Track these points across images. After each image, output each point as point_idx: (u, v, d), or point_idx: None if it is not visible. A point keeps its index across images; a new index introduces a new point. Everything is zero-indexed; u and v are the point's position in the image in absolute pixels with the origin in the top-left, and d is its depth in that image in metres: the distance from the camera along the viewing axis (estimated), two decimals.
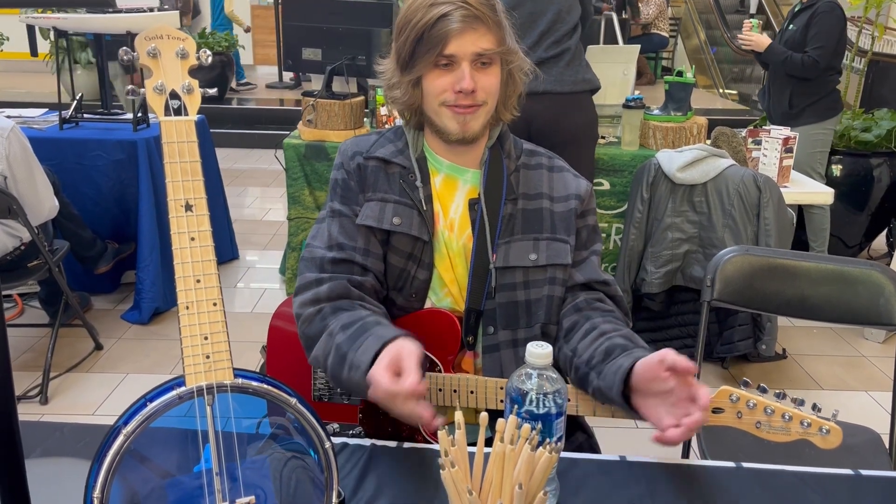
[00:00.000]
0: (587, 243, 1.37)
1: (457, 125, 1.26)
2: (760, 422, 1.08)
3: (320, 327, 1.22)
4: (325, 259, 1.28)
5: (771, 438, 1.08)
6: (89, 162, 3.24)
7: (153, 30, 0.83)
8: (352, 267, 1.28)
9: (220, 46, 6.87)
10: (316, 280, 1.26)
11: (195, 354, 0.79)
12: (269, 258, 4.08)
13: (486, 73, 1.24)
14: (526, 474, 0.81)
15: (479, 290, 1.30)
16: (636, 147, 3.15)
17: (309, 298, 1.25)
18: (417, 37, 1.21)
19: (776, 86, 3.78)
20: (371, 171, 1.33)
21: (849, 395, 2.85)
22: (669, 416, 1.05)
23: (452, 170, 1.34)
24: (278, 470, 0.86)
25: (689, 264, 2.87)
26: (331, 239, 1.30)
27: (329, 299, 1.24)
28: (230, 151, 6.22)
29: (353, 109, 3.16)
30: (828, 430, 1.04)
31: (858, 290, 1.60)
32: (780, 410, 1.07)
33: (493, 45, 1.23)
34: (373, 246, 1.30)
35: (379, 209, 1.30)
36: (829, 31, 3.52)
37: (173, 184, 0.81)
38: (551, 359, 0.96)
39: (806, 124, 3.65)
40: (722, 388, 1.11)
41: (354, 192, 1.32)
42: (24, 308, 3.36)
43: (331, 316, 1.22)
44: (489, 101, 1.26)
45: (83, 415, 2.58)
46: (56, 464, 1.08)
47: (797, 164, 3.65)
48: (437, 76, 1.24)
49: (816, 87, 3.64)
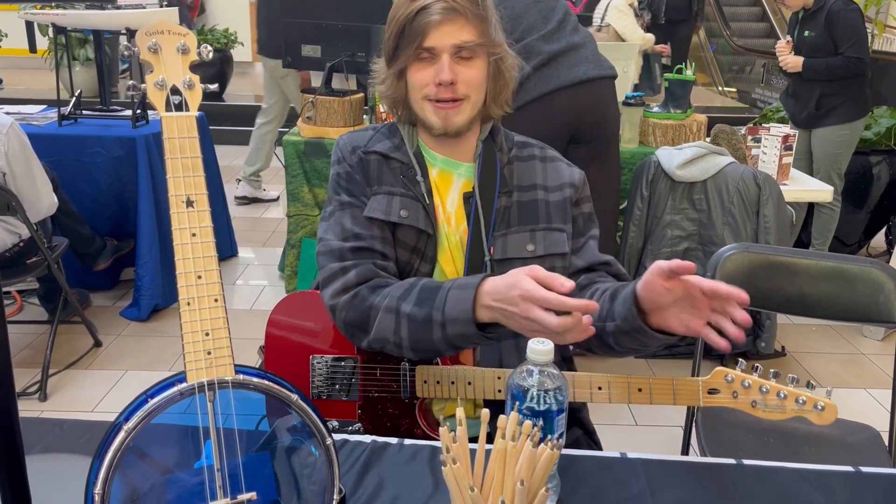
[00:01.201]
0: (584, 230, 1.37)
1: (438, 120, 1.27)
2: (756, 401, 1.09)
3: (364, 308, 1.20)
4: (344, 248, 1.26)
5: (767, 417, 1.09)
6: (88, 159, 3.23)
7: (154, 25, 0.83)
8: (373, 254, 1.26)
9: (220, 43, 6.87)
10: (341, 269, 1.24)
11: (196, 350, 0.79)
12: (267, 255, 4.08)
13: (467, 66, 1.24)
14: (527, 471, 0.81)
15: None
16: (636, 144, 3.15)
17: (338, 288, 1.23)
18: (399, 30, 1.23)
19: (802, 88, 3.71)
20: (374, 164, 1.32)
21: (848, 392, 2.85)
22: (695, 319, 1.06)
23: (446, 164, 1.34)
24: (279, 466, 0.86)
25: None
26: (344, 231, 1.28)
27: (358, 284, 1.22)
28: (229, 148, 6.22)
29: (352, 106, 3.16)
30: (822, 406, 1.05)
31: (858, 287, 1.60)
32: (775, 389, 1.07)
33: (474, 36, 1.23)
34: (387, 234, 1.29)
35: (387, 202, 1.29)
36: (854, 26, 3.50)
37: (174, 179, 0.81)
38: (552, 355, 0.96)
39: (833, 125, 3.61)
40: (717, 369, 1.12)
41: (360, 184, 1.31)
42: (23, 305, 3.36)
43: (371, 295, 1.20)
44: (472, 94, 1.26)
45: (82, 411, 2.57)
46: (56, 460, 1.08)
47: (819, 163, 3.64)
48: (418, 69, 1.25)
49: (844, 86, 3.59)
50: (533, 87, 2.52)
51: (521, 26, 2.53)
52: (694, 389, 1.14)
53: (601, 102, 2.64)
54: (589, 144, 2.66)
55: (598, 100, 2.62)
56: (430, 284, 1.19)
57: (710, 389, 1.11)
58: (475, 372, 1.25)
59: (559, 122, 2.56)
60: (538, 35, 2.53)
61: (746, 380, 1.09)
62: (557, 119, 2.56)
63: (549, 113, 2.54)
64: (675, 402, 1.15)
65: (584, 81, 2.55)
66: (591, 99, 2.60)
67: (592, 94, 2.60)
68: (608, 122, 2.70)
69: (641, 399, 1.17)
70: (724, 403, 1.11)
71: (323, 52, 3.35)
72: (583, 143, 2.65)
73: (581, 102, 2.58)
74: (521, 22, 2.53)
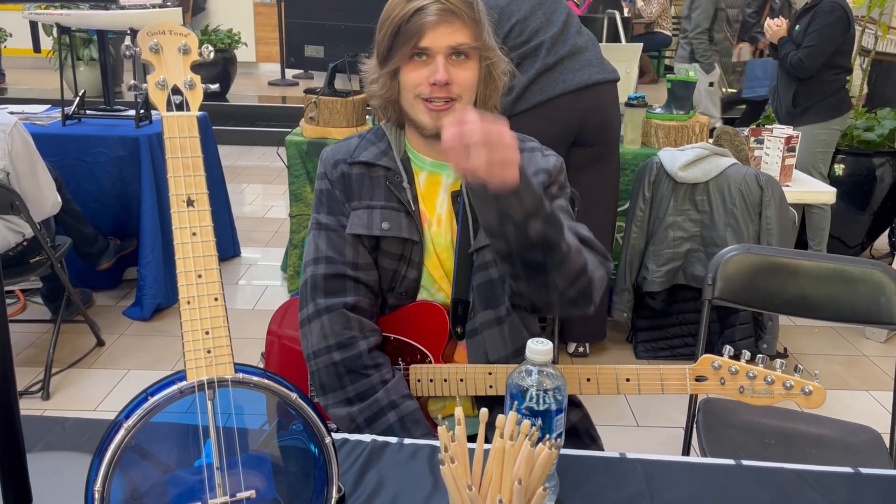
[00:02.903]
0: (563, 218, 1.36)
1: (430, 120, 1.28)
2: (744, 386, 1.09)
3: (335, 386, 1.29)
4: (316, 276, 1.31)
5: (755, 402, 1.09)
6: (92, 158, 3.24)
7: (156, 25, 0.84)
8: (344, 283, 1.30)
9: (223, 43, 6.87)
10: (315, 313, 1.30)
11: (196, 349, 0.80)
12: (270, 255, 4.08)
13: (461, 68, 1.26)
14: (525, 470, 0.81)
15: (464, 280, 1.32)
16: (638, 145, 3.15)
17: (314, 339, 1.29)
18: (395, 30, 1.24)
19: (783, 84, 3.79)
20: (356, 178, 1.34)
21: (850, 394, 2.85)
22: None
23: (435, 166, 1.36)
24: (279, 464, 0.86)
25: (690, 263, 2.88)
26: (318, 251, 1.32)
27: (335, 334, 1.28)
28: (232, 149, 6.23)
29: (355, 106, 3.17)
30: (810, 389, 1.05)
31: (859, 288, 1.60)
32: (763, 374, 1.07)
33: (469, 39, 1.24)
34: (362, 257, 1.32)
35: (367, 216, 1.31)
36: (822, 31, 3.52)
37: (175, 179, 0.81)
38: (551, 355, 0.97)
39: (809, 123, 3.65)
40: (704, 356, 1.11)
41: (339, 201, 1.34)
42: (27, 304, 3.37)
43: (345, 382, 1.28)
44: (464, 95, 1.27)
45: (84, 411, 2.58)
46: (58, 457, 1.08)
47: (799, 162, 3.65)
48: (412, 69, 1.26)
49: (819, 85, 3.64)
50: (539, 90, 2.52)
51: (527, 29, 2.53)
52: (681, 377, 1.14)
53: (604, 106, 2.65)
54: (591, 147, 2.67)
55: (601, 103, 2.63)
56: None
57: (697, 377, 1.11)
58: (466, 369, 1.27)
59: (563, 125, 2.57)
60: (545, 38, 2.54)
61: (733, 366, 1.09)
62: (562, 122, 2.57)
63: (554, 116, 2.55)
64: (664, 390, 1.15)
65: (589, 86, 2.56)
66: (595, 102, 2.61)
67: (596, 98, 2.60)
68: (610, 126, 2.71)
69: (629, 389, 1.17)
70: (712, 391, 1.11)
71: (326, 52, 3.35)
72: (585, 146, 2.66)
73: (585, 106, 2.58)
74: (528, 24, 2.54)
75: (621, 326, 3.23)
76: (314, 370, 1.30)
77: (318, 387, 1.31)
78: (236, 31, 7.24)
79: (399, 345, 1.34)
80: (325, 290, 1.30)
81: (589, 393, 1.21)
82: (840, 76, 3.66)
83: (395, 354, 1.34)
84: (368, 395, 1.27)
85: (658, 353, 3.05)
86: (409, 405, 1.27)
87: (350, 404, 1.28)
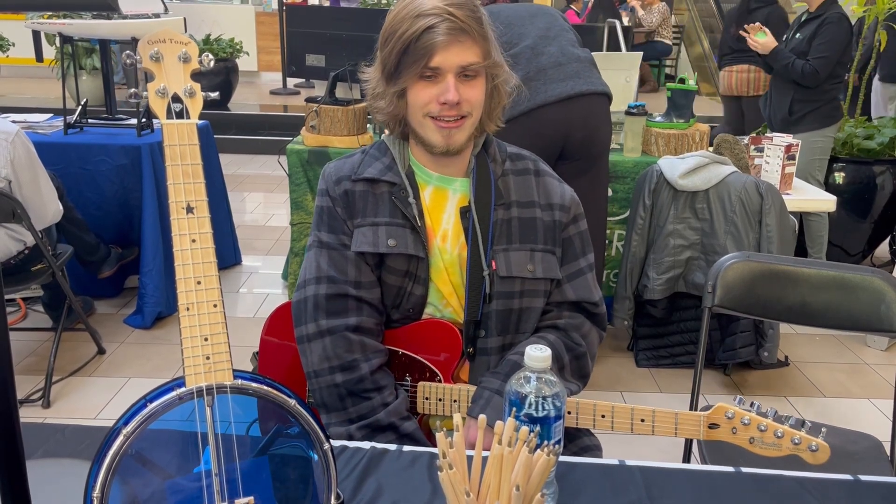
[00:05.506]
0: (579, 253, 1.37)
1: (441, 138, 1.26)
2: (754, 437, 1.13)
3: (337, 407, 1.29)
4: (318, 297, 1.28)
5: (763, 453, 1.15)
6: (93, 167, 3.25)
7: (156, 34, 0.84)
8: (346, 303, 1.28)
9: (225, 53, 6.90)
10: (317, 333, 1.28)
11: (195, 356, 0.80)
12: (271, 263, 4.09)
13: (470, 86, 1.24)
14: (524, 477, 0.81)
15: (476, 299, 1.30)
16: (638, 154, 3.15)
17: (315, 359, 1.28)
18: (403, 48, 1.21)
19: (778, 92, 3.80)
20: (359, 195, 1.31)
21: (851, 402, 2.84)
22: None
23: (441, 181, 1.34)
24: (277, 471, 0.86)
25: (691, 271, 2.88)
26: (319, 271, 1.30)
27: (337, 357, 1.27)
28: (234, 157, 6.24)
29: (356, 115, 3.18)
30: (816, 447, 1.11)
31: (859, 296, 1.60)
32: (773, 428, 1.12)
33: (479, 58, 1.23)
34: (364, 275, 1.29)
35: (372, 234, 1.29)
36: (833, 41, 3.54)
37: (175, 186, 0.82)
38: (550, 362, 0.97)
39: (806, 131, 3.67)
40: (719, 405, 1.15)
41: (341, 219, 1.31)
42: (28, 312, 3.37)
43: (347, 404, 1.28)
44: (474, 112, 1.26)
45: (85, 419, 2.58)
46: (57, 464, 1.09)
47: (797, 170, 3.67)
48: (421, 88, 1.23)
49: (817, 94, 3.67)
50: (520, 100, 2.41)
51: (509, 33, 2.48)
52: (696, 423, 1.17)
53: (591, 119, 2.54)
54: (577, 161, 2.58)
55: (587, 116, 2.53)
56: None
57: (710, 424, 1.15)
58: (473, 391, 1.26)
59: (546, 137, 2.48)
60: (526, 45, 2.49)
61: (746, 416, 1.13)
62: (545, 134, 2.48)
63: (536, 128, 2.46)
64: (677, 434, 1.18)
65: (573, 97, 2.47)
66: (581, 115, 2.51)
67: (582, 111, 2.51)
68: (598, 140, 2.60)
69: (643, 430, 1.19)
70: (724, 438, 1.15)
71: (327, 61, 3.37)
72: (571, 159, 2.57)
73: (569, 118, 2.49)
74: (511, 29, 2.50)
75: (622, 334, 3.23)
76: (315, 388, 1.29)
77: (319, 404, 1.30)
78: (238, 41, 7.28)
79: (408, 360, 1.32)
80: (328, 311, 1.28)
81: (603, 429, 1.22)
82: (837, 85, 3.70)
83: (403, 370, 1.32)
84: (369, 416, 1.26)
85: (659, 360, 3.05)
86: (408, 426, 1.26)
87: (350, 423, 1.27)
